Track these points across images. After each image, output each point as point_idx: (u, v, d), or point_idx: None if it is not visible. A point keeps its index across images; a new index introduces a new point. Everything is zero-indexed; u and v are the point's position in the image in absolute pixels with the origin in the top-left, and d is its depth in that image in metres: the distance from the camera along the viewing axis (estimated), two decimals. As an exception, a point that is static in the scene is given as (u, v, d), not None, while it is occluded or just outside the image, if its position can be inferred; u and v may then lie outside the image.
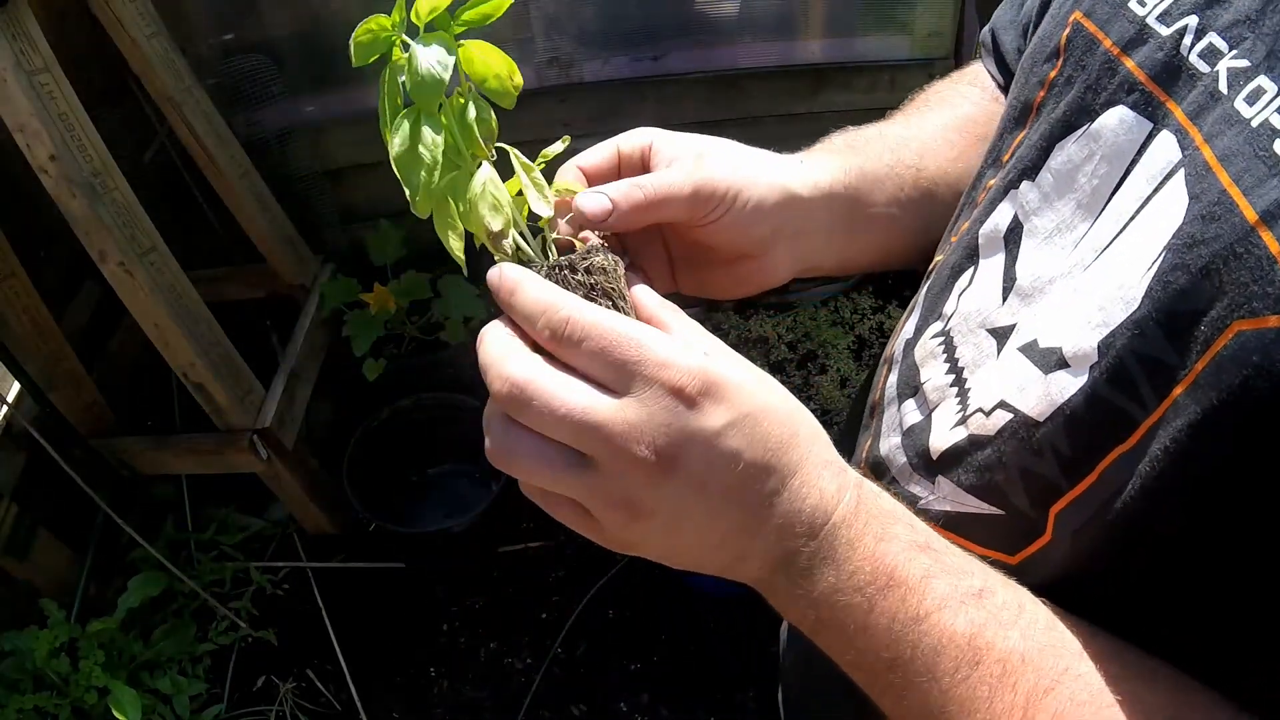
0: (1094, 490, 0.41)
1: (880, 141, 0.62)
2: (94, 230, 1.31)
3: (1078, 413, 0.41)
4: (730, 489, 0.40)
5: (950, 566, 0.42)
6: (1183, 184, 0.39)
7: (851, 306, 2.26)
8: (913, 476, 0.53)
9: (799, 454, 0.42)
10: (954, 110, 0.67)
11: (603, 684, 1.72)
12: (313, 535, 1.89)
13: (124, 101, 1.73)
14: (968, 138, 0.65)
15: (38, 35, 1.22)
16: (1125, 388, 0.39)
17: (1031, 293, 0.48)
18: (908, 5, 1.82)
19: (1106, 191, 0.44)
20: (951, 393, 0.52)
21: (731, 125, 1.95)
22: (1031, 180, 0.50)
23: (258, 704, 1.69)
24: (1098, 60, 0.46)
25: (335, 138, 1.91)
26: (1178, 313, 0.37)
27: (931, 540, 0.43)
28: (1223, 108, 0.38)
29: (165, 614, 1.71)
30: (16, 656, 1.46)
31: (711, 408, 0.39)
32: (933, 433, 0.52)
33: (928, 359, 0.55)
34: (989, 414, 0.47)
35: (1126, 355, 0.39)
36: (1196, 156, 0.39)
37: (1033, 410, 0.44)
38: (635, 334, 0.39)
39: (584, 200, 0.47)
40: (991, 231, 0.52)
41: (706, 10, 1.83)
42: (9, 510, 1.49)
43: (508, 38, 1.82)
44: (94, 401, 1.67)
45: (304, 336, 1.80)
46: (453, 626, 1.80)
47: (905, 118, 0.67)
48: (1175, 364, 0.37)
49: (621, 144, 0.54)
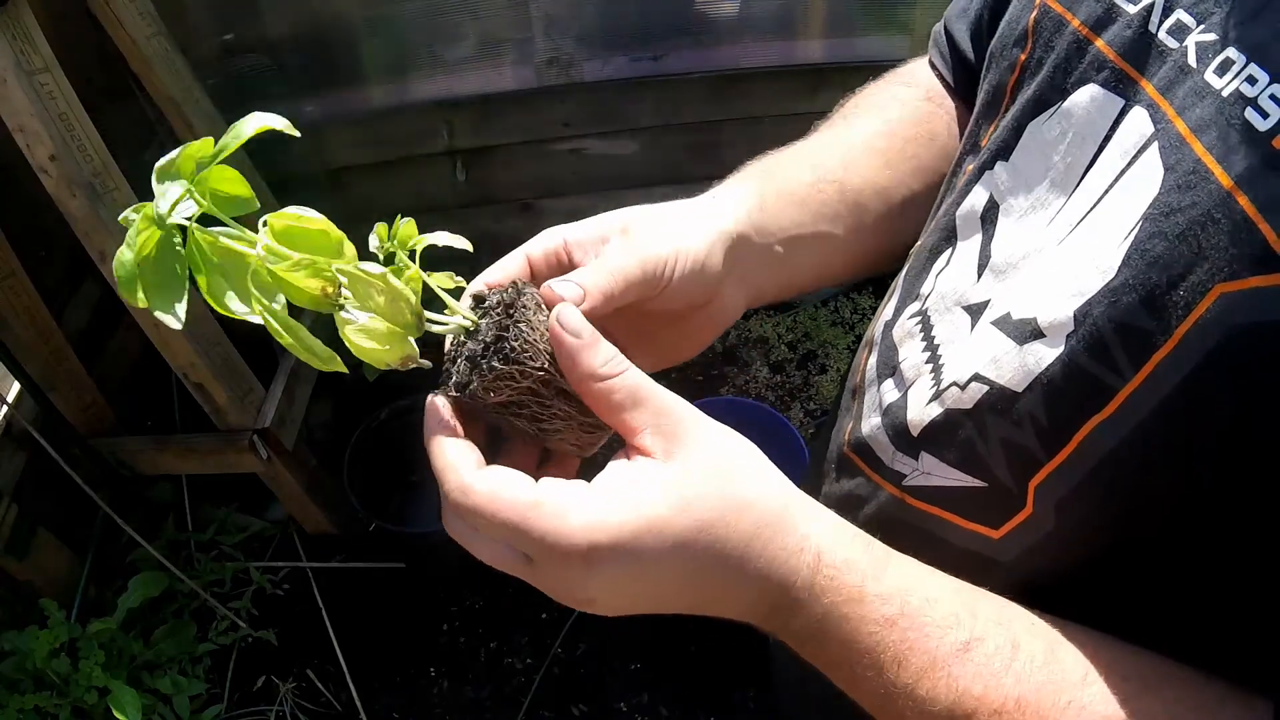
0: (1073, 461, 0.41)
1: (797, 162, 0.61)
2: (94, 230, 1.31)
3: (1055, 382, 0.42)
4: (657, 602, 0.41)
5: (930, 625, 0.41)
6: (1157, 156, 0.39)
7: (851, 306, 2.27)
8: (896, 455, 0.53)
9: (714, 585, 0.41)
10: (882, 114, 0.66)
11: (603, 684, 1.72)
12: (313, 535, 1.89)
13: (124, 101, 1.73)
14: (896, 141, 0.64)
15: (38, 35, 1.22)
16: (1102, 356, 0.39)
17: (1005, 269, 0.48)
18: (908, 5, 1.82)
19: (1080, 168, 0.45)
20: (927, 369, 0.52)
21: (731, 125, 1.95)
22: (1005, 161, 0.50)
23: (258, 704, 1.69)
24: (1066, 40, 0.47)
25: (335, 138, 1.91)
26: (1155, 280, 0.37)
27: (906, 603, 0.41)
28: (1193, 80, 0.39)
29: (165, 614, 1.71)
30: (16, 656, 1.46)
31: (599, 567, 0.39)
32: (909, 409, 0.52)
33: (905, 339, 0.56)
34: (964, 387, 0.47)
35: (1103, 323, 0.39)
36: (1170, 129, 0.39)
37: (1009, 381, 0.44)
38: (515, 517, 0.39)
39: (560, 286, 0.44)
40: (968, 213, 0.53)
41: (706, 10, 1.83)
42: (9, 510, 1.49)
43: (508, 37, 1.82)
44: (94, 401, 1.67)
45: (304, 336, 1.80)
46: (453, 626, 1.80)
47: (830, 129, 0.66)
48: (1153, 330, 0.37)
49: (531, 251, 0.50)
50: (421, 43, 1.81)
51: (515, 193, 2.05)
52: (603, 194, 2.05)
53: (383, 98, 1.89)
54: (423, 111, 1.89)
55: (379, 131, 1.91)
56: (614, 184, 2.03)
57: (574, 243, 0.50)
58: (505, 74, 1.87)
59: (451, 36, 1.81)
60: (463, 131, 1.92)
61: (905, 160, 0.64)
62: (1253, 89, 0.35)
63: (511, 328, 0.42)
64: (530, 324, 0.41)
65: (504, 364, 0.41)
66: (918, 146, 0.65)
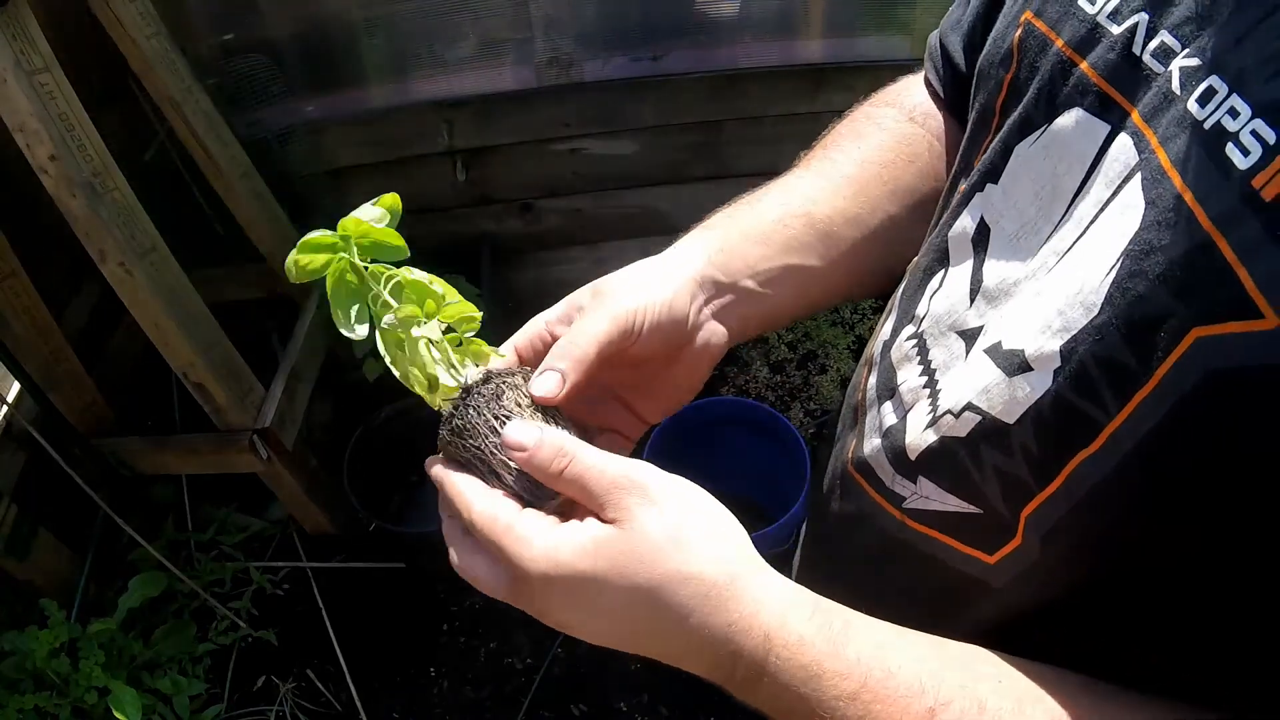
0: (1061, 493, 0.42)
1: (763, 201, 0.64)
2: (94, 230, 1.31)
3: (1045, 415, 0.42)
4: (623, 644, 0.46)
5: (892, 697, 0.41)
6: (1139, 189, 0.39)
7: (851, 307, 2.27)
8: (895, 477, 0.54)
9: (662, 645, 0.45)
10: (857, 143, 0.68)
11: (603, 684, 1.72)
12: (312, 535, 1.89)
13: (124, 101, 1.73)
14: (871, 168, 0.65)
15: (38, 35, 1.22)
16: (1087, 392, 0.39)
17: (998, 295, 0.49)
18: (908, 5, 1.82)
19: (1068, 195, 0.45)
20: (924, 394, 0.53)
21: (731, 125, 1.95)
22: (995, 183, 0.50)
23: (258, 704, 1.69)
24: (1051, 61, 0.47)
25: (335, 138, 1.91)
26: (1136, 319, 0.37)
27: (869, 676, 0.42)
28: (1176, 109, 0.38)
29: (165, 614, 1.71)
30: (16, 656, 1.46)
31: (550, 592, 0.44)
32: (907, 434, 0.53)
33: (903, 361, 0.57)
34: (958, 416, 0.48)
35: (1088, 359, 0.39)
36: (1152, 160, 0.39)
37: (1000, 413, 0.45)
38: (494, 535, 0.46)
39: (537, 385, 0.51)
40: (960, 234, 0.53)
41: (706, 10, 1.83)
42: (9, 510, 1.49)
43: (508, 37, 1.82)
44: (94, 401, 1.67)
45: (304, 336, 1.80)
46: (453, 626, 1.80)
47: (804, 165, 0.68)
48: (1135, 369, 0.37)
49: (517, 343, 0.57)
50: (421, 43, 1.81)
51: (515, 193, 2.05)
52: (603, 194, 2.05)
53: (383, 98, 1.89)
54: (423, 111, 1.89)
55: (379, 131, 1.91)
56: (614, 184, 2.03)
57: (553, 322, 0.57)
58: (505, 74, 1.87)
59: (451, 36, 1.81)
60: (463, 131, 1.92)
61: (880, 185, 0.65)
62: (1234, 123, 0.35)
63: (460, 410, 0.50)
64: (478, 409, 0.50)
65: (450, 435, 0.51)
66: (896, 170, 0.65)
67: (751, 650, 0.43)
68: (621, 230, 2.10)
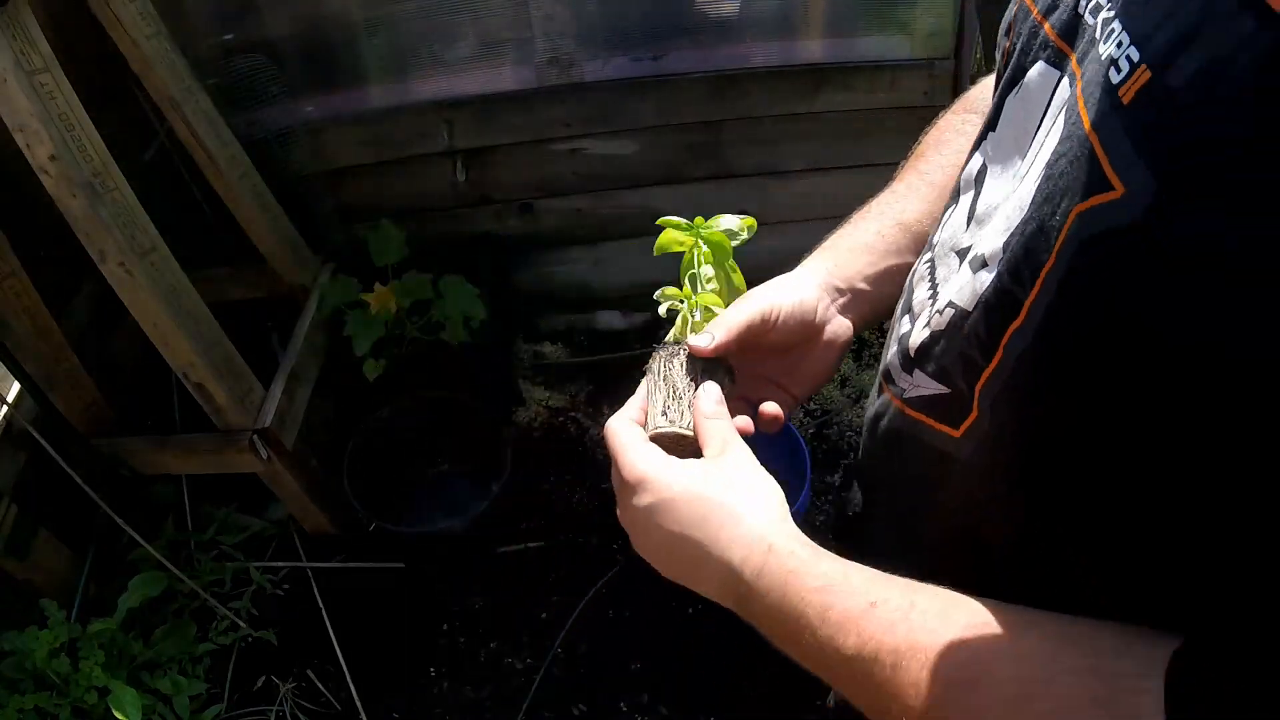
0: (1000, 367, 0.50)
1: (865, 220, 0.80)
2: (94, 230, 1.31)
3: (989, 299, 0.51)
4: (665, 544, 0.62)
5: (847, 591, 0.54)
6: (1064, 116, 0.48)
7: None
8: (901, 374, 0.65)
9: (711, 531, 0.60)
10: (939, 149, 0.81)
11: (603, 684, 1.72)
12: (313, 535, 1.89)
13: (124, 101, 1.73)
14: (951, 171, 0.75)
15: (38, 35, 1.23)
16: (1014, 275, 0.48)
17: (984, 218, 0.60)
18: (908, 5, 1.82)
19: (1031, 131, 0.55)
20: (929, 304, 0.64)
21: (731, 125, 1.95)
22: (994, 131, 0.61)
23: (258, 704, 1.69)
24: (1028, 26, 0.57)
25: (335, 138, 1.91)
26: (1046, 211, 0.46)
27: (830, 578, 0.55)
28: (1095, 50, 0.47)
29: (165, 614, 1.71)
30: (16, 656, 1.46)
31: (639, 495, 0.63)
32: (913, 336, 0.64)
33: (919, 281, 0.68)
34: (942, 312, 0.59)
35: (1017, 249, 0.49)
36: (1074, 93, 0.48)
37: (965, 303, 0.55)
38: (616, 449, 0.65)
39: (694, 339, 0.71)
40: (967, 175, 0.65)
41: (706, 10, 1.83)
42: (9, 510, 1.49)
43: (508, 37, 1.82)
44: (94, 401, 1.67)
45: (304, 336, 1.80)
46: (453, 626, 1.80)
47: (899, 179, 0.82)
48: (1042, 249, 0.46)
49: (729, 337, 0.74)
50: (421, 43, 1.81)
51: (515, 193, 2.05)
52: (602, 194, 2.05)
53: (383, 98, 1.90)
54: (422, 111, 1.89)
55: (379, 131, 1.91)
56: (614, 184, 2.03)
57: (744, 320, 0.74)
58: (505, 74, 1.87)
59: (451, 36, 1.81)
60: (463, 131, 1.92)
61: None
62: (1118, 51, 0.43)
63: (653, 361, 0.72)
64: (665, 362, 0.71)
65: (665, 356, 0.71)
66: None
67: (757, 555, 0.57)
68: (621, 230, 2.10)
